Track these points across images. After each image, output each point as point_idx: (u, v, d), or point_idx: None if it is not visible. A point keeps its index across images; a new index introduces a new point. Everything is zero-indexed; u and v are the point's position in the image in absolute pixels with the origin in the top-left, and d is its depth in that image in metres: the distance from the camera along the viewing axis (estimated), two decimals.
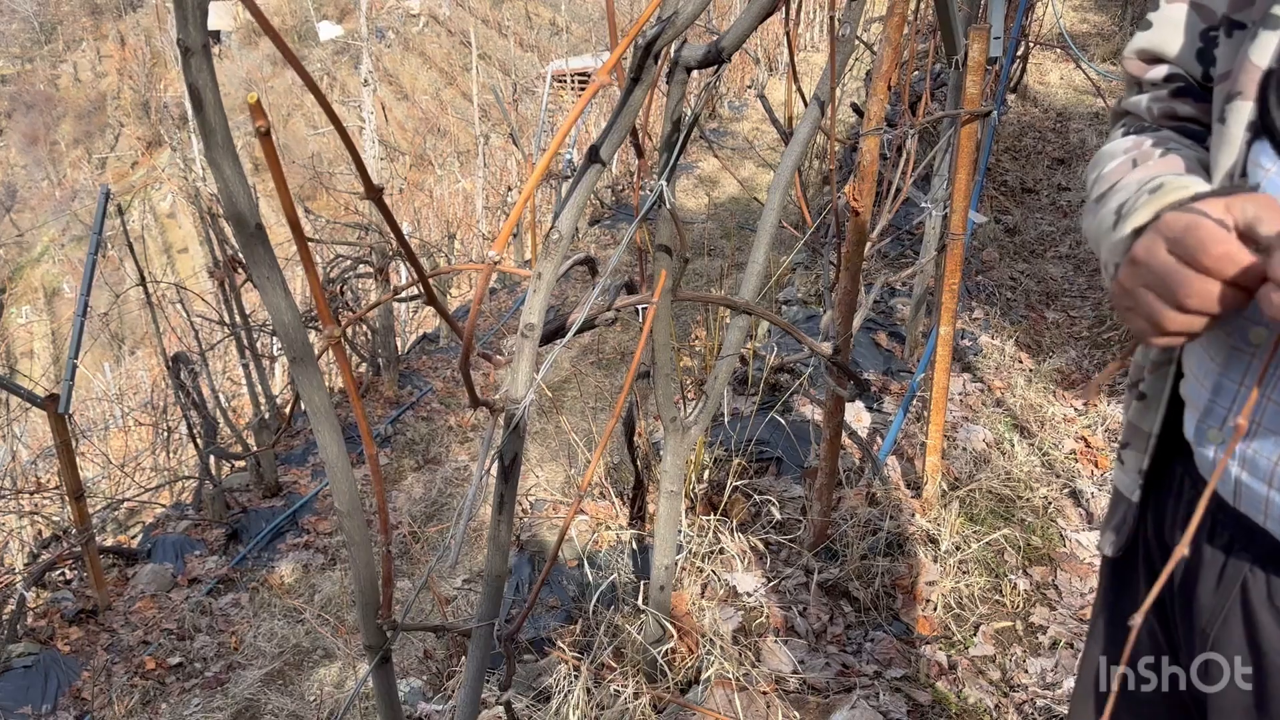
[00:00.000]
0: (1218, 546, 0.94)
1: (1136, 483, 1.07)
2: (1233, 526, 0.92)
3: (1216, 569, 0.94)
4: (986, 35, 2.64)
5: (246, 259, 0.95)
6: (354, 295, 7.43)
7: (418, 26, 43.42)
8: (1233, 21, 0.92)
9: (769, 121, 3.33)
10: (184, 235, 33.20)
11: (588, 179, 1.37)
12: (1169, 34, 1.01)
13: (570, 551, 3.01)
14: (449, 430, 6.26)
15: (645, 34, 1.26)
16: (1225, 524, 0.93)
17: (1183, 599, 0.99)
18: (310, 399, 1.02)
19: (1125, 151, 0.99)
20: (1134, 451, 1.08)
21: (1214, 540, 0.94)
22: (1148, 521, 1.07)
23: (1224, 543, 0.93)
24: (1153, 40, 1.03)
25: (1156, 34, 1.02)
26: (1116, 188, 0.94)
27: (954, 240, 2.81)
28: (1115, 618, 1.13)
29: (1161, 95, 1.02)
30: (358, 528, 1.11)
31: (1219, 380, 0.91)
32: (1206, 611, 0.95)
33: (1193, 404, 0.96)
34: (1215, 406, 0.91)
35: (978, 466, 3.29)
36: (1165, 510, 1.03)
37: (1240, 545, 0.91)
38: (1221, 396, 0.91)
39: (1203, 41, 0.98)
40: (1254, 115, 0.85)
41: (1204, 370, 0.94)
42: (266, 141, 0.84)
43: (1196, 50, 0.99)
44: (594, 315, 1.71)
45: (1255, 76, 0.85)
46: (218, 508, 5.25)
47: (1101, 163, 1.01)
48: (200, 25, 0.83)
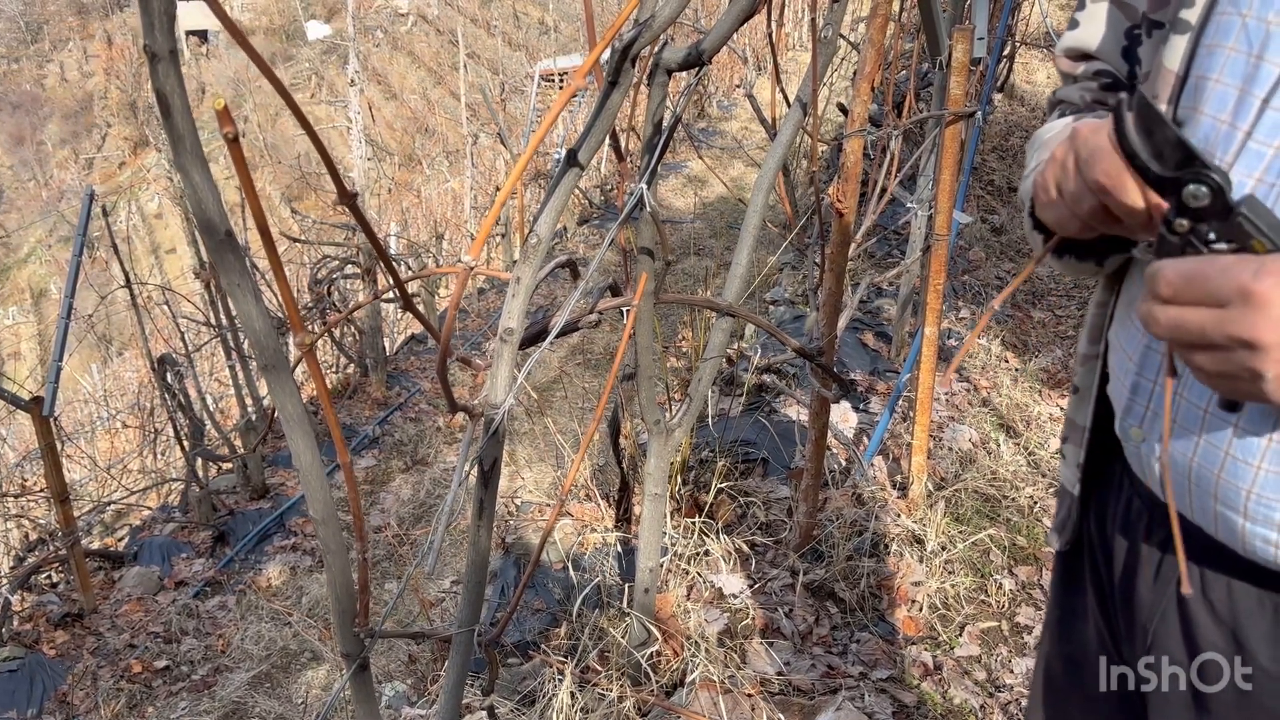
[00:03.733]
0: (1154, 544, 0.95)
1: (1076, 476, 1.08)
2: (1167, 523, 0.90)
3: (1153, 565, 0.95)
4: (970, 36, 2.65)
5: (217, 265, 0.94)
6: (341, 296, 7.41)
7: (406, 25, 43.33)
8: (1152, 21, 0.93)
9: (758, 121, 3.33)
10: (171, 236, 33.04)
11: (566, 182, 1.36)
12: (1094, 32, 1.02)
13: (555, 554, 3.00)
14: (437, 431, 6.25)
15: (622, 37, 1.25)
16: (1159, 520, 0.94)
17: (1123, 596, 0.99)
18: (283, 406, 1.01)
19: (1065, 126, 0.99)
20: (1072, 446, 1.09)
21: (1150, 538, 0.95)
22: (1091, 516, 1.07)
23: (1160, 539, 0.94)
24: (1079, 39, 1.04)
25: (1083, 32, 1.04)
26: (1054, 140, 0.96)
27: (938, 241, 2.82)
28: (1065, 615, 1.14)
29: (1092, 87, 1.03)
30: (333, 535, 1.10)
31: (1136, 379, 0.92)
32: (1146, 607, 0.96)
33: (1116, 402, 0.96)
34: (1134, 405, 0.92)
35: (964, 466, 3.29)
36: (1107, 506, 1.04)
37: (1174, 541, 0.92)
38: (1139, 395, 0.91)
39: (1127, 39, 0.99)
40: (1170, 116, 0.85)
41: (1123, 369, 0.95)
42: (235, 149, 0.83)
43: (1121, 48, 1.00)
44: (577, 318, 1.71)
45: (1170, 81, 0.86)
46: (205, 510, 5.22)
47: (1041, 136, 1.03)
48: (167, 31, 0.82)
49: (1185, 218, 0.71)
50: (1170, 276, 0.69)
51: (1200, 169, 0.70)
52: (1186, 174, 0.70)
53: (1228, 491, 0.82)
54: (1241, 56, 0.79)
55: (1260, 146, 0.78)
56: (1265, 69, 0.77)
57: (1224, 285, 0.66)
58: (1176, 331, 0.70)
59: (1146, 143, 0.73)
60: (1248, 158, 0.79)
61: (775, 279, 5.60)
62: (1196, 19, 0.84)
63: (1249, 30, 0.79)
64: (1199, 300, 0.68)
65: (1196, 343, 0.69)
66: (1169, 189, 0.72)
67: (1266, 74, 0.77)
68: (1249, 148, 0.78)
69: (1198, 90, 0.83)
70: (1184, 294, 0.69)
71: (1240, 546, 0.84)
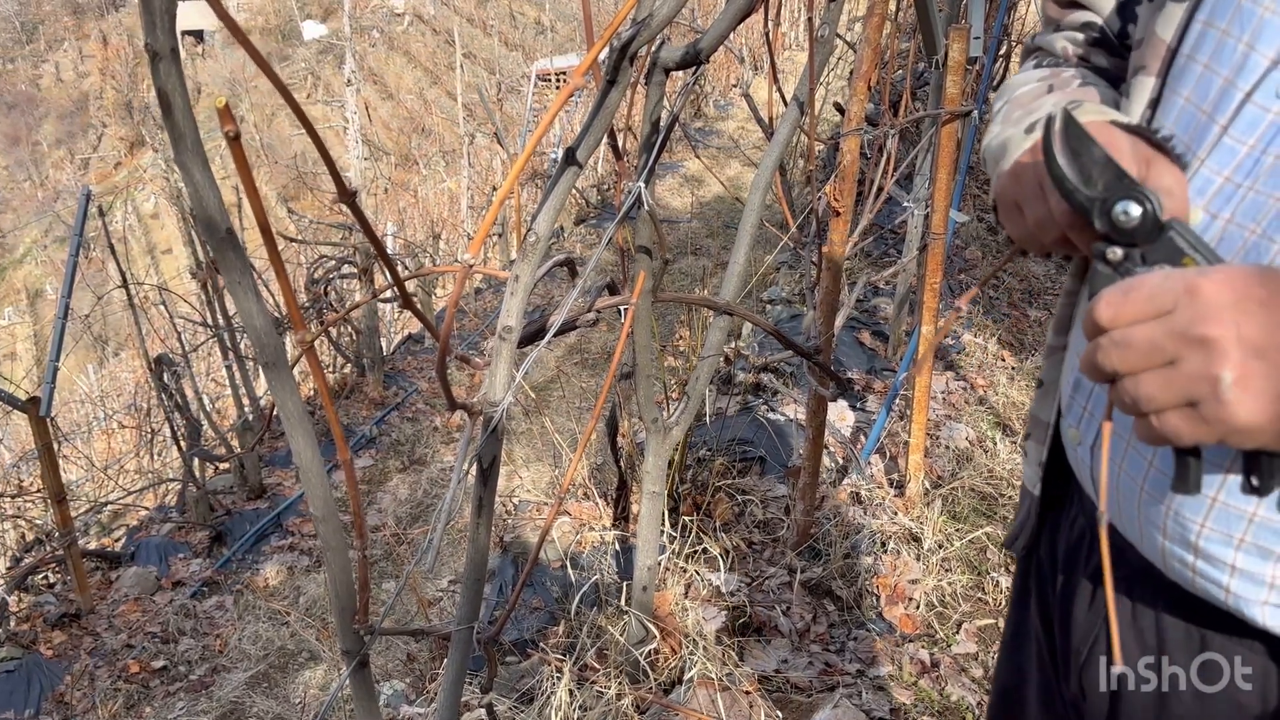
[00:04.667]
0: (1094, 565, 0.90)
1: (1038, 475, 1.01)
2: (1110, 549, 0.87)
3: (1090, 588, 0.90)
4: (966, 35, 2.65)
5: (218, 263, 0.94)
6: (338, 296, 7.40)
7: (402, 25, 43.30)
8: None
9: (754, 120, 3.33)
10: (168, 236, 32.99)
11: (564, 181, 1.37)
12: None
13: (554, 553, 3.01)
14: (434, 431, 6.25)
15: (621, 36, 1.26)
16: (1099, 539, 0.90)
17: (1060, 616, 0.94)
18: (284, 404, 1.01)
19: (1040, 79, 0.93)
20: (1035, 443, 1.03)
21: (1092, 557, 0.91)
22: (1045, 526, 1.02)
23: (1098, 561, 0.89)
24: None
25: None
26: (1030, 109, 0.88)
27: (935, 240, 2.82)
28: (1015, 630, 1.09)
29: (1078, 39, 0.96)
30: (333, 532, 1.10)
31: (1077, 376, 0.87)
32: (1080, 630, 0.91)
33: (1061, 400, 0.92)
34: (1074, 403, 0.88)
35: (960, 464, 3.30)
36: (1061, 520, 0.98)
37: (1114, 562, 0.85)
38: (1079, 394, 0.87)
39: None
40: (1155, 92, 0.81)
41: (1069, 366, 0.90)
42: (236, 147, 0.83)
43: (1119, 3, 0.93)
44: (574, 316, 1.71)
45: (1160, 52, 0.80)
46: (202, 510, 5.22)
47: (1012, 89, 0.96)
48: (169, 30, 0.83)
49: (1117, 244, 0.68)
50: (1108, 296, 0.64)
51: (1130, 186, 0.67)
52: (1116, 193, 0.68)
53: (1150, 507, 0.78)
54: (1233, 41, 0.74)
55: (1234, 143, 0.73)
56: (1254, 59, 0.72)
57: (1167, 289, 0.62)
58: (1121, 353, 0.63)
59: (1074, 164, 0.69)
60: (1220, 153, 0.74)
61: (772, 278, 5.61)
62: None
63: (1243, 12, 0.73)
64: (1142, 313, 0.63)
65: (1144, 362, 0.62)
66: (1099, 212, 0.69)
67: (1254, 65, 0.72)
68: (1223, 143, 0.73)
69: (1184, 72, 0.78)
70: (1125, 311, 0.63)
71: (1162, 565, 0.80)
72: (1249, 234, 0.72)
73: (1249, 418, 0.59)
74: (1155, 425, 0.63)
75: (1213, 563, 0.76)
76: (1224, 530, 0.74)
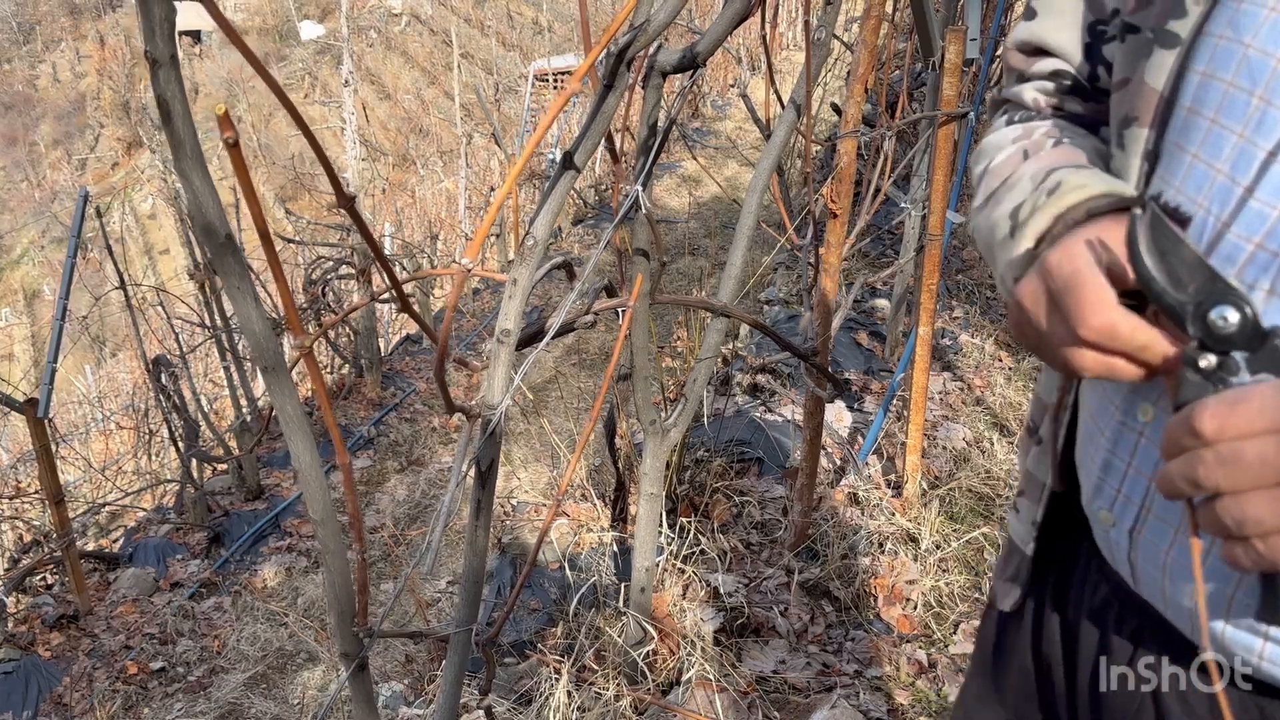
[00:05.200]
0: (1125, 635, 0.86)
1: (1031, 534, 0.97)
2: (1138, 614, 0.84)
3: (1125, 659, 0.85)
4: (963, 37, 2.66)
5: (217, 269, 0.95)
6: (335, 296, 7.41)
7: (400, 25, 43.29)
8: (1127, 24, 0.81)
9: (752, 120, 3.34)
10: (165, 236, 32.99)
11: (562, 185, 1.37)
12: (1054, 26, 0.91)
13: (552, 554, 3.01)
14: (432, 431, 6.25)
15: (618, 41, 1.26)
16: (1131, 610, 0.85)
17: (1091, 693, 0.90)
18: (282, 407, 1.02)
19: (1014, 141, 0.88)
20: (1029, 501, 0.98)
21: (1121, 629, 0.86)
22: (1048, 585, 0.97)
23: (1131, 630, 0.85)
24: (1035, 32, 0.93)
25: (1039, 25, 0.92)
26: (1009, 184, 0.84)
27: (932, 241, 2.83)
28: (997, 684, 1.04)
29: (1048, 89, 0.93)
30: (332, 535, 1.11)
31: (1108, 458, 0.82)
32: (1119, 705, 0.86)
33: (1084, 477, 0.87)
34: (1105, 485, 0.82)
35: (958, 465, 3.31)
36: (1069, 589, 0.93)
37: (1148, 635, 0.83)
38: (1111, 475, 0.81)
39: (1090, 35, 0.88)
40: (1151, 144, 0.76)
41: (1094, 444, 0.84)
42: (235, 153, 0.84)
43: (1084, 45, 0.89)
44: (572, 318, 1.72)
45: (1153, 101, 0.75)
46: (200, 511, 5.22)
47: (988, 154, 0.91)
48: (168, 37, 0.83)
49: (1211, 351, 0.62)
50: (1214, 407, 0.59)
51: (1227, 289, 0.61)
52: (1211, 297, 0.62)
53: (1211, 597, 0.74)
54: (1243, 95, 0.68)
55: (1263, 206, 0.66)
56: (1273, 115, 0.66)
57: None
58: (1227, 470, 0.58)
59: (1162, 264, 0.63)
60: (1247, 218, 0.67)
61: (770, 279, 5.62)
62: (1187, 34, 0.73)
63: (1252, 64, 0.67)
64: (1255, 427, 0.57)
65: (1255, 481, 0.57)
66: (1193, 317, 0.62)
67: (1274, 121, 0.66)
68: (1249, 206, 0.67)
69: (1188, 127, 0.72)
70: (1235, 424, 0.57)
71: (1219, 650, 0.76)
72: None
73: None
74: (1260, 548, 0.58)
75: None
76: None
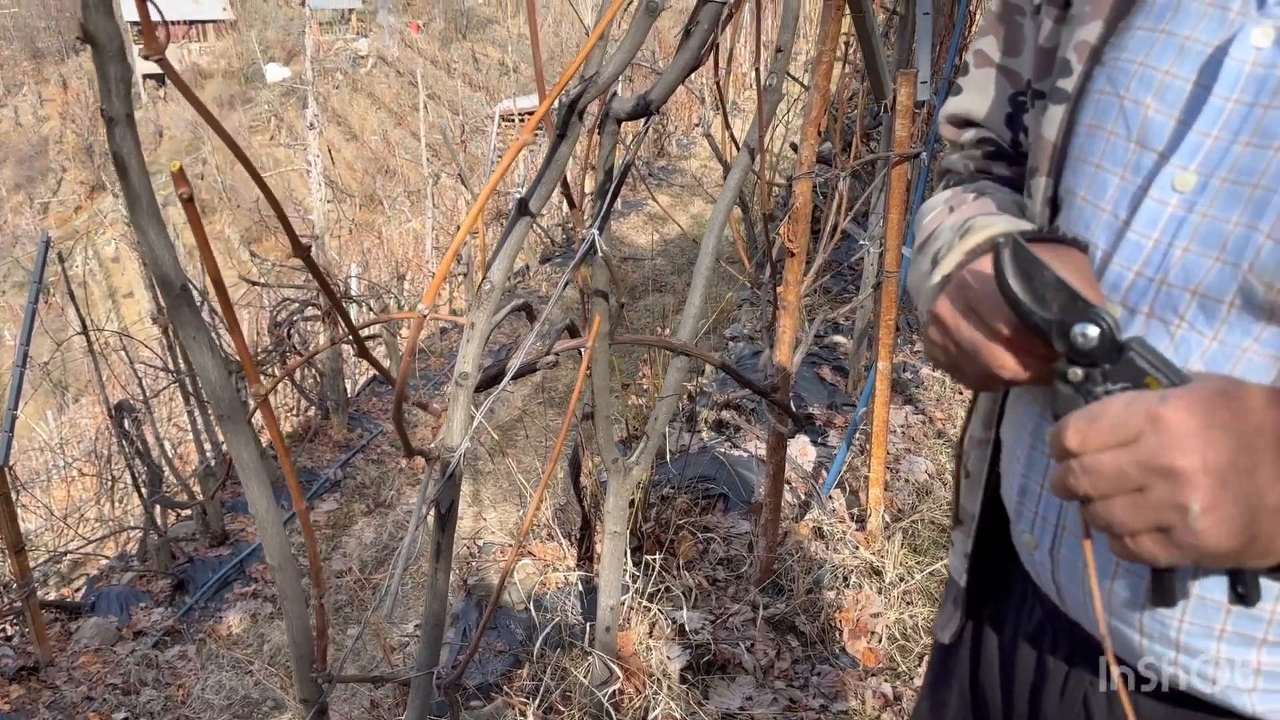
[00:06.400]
0: (1060, 657, 0.90)
1: (963, 567, 1.02)
2: (1070, 637, 0.88)
3: (1060, 681, 0.89)
4: (914, 80, 2.73)
5: (173, 319, 0.96)
6: (301, 338, 7.37)
7: (365, 67, 43.46)
8: (1035, 90, 0.91)
9: (716, 159, 3.40)
10: (129, 280, 32.66)
11: (518, 231, 1.40)
12: (978, 99, 1.00)
13: (518, 594, 3.01)
14: (400, 473, 6.22)
15: (569, 92, 1.30)
16: (1064, 633, 0.89)
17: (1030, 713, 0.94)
18: (239, 455, 1.03)
19: (944, 201, 0.97)
20: (961, 534, 1.04)
21: (1056, 651, 0.90)
22: (983, 615, 1.01)
23: (1065, 653, 0.89)
24: (962, 105, 1.02)
25: (967, 99, 1.02)
26: (934, 235, 0.92)
27: (888, 277, 2.89)
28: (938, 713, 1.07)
29: (976, 155, 1.01)
30: (290, 581, 1.12)
31: (1023, 482, 0.87)
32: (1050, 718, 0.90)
33: (1008, 505, 0.92)
34: (1024, 510, 0.87)
35: (920, 497, 3.35)
36: (1005, 617, 0.98)
37: (1080, 656, 0.87)
38: (1027, 499, 0.87)
39: (1011, 106, 0.97)
40: (1049, 191, 0.84)
41: (1011, 471, 0.90)
42: (190, 208, 0.86)
43: (1005, 115, 0.98)
44: (534, 359, 1.74)
45: (1049, 152, 0.84)
46: (163, 558, 5.15)
47: (923, 215, 0.99)
48: (124, 96, 0.85)
49: (1077, 364, 0.69)
50: (1075, 423, 0.65)
51: (1086, 307, 0.68)
52: (1072, 314, 0.69)
53: (1125, 610, 0.79)
54: (1121, 141, 0.77)
55: (1139, 238, 0.75)
56: (1146, 158, 0.75)
57: (1131, 417, 0.63)
58: (1091, 479, 0.64)
59: (1026, 287, 0.70)
60: (1127, 249, 0.76)
61: (734, 315, 5.67)
62: (1073, 89, 0.82)
63: (1127, 114, 0.77)
64: (1108, 441, 0.63)
65: (1113, 489, 0.63)
66: (1057, 334, 0.69)
67: (1147, 162, 0.75)
68: (1128, 238, 0.76)
69: (1077, 172, 0.81)
70: (1092, 438, 0.64)
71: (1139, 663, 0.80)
72: (1175, 328, 0.73)
73: (1219, 544, 0.61)
74: (1130, 546, 0.64)
75: (1196, 656, 0.76)
76: (1204, 623, 0.75)
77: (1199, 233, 0.72)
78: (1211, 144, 0.71)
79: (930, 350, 0.84)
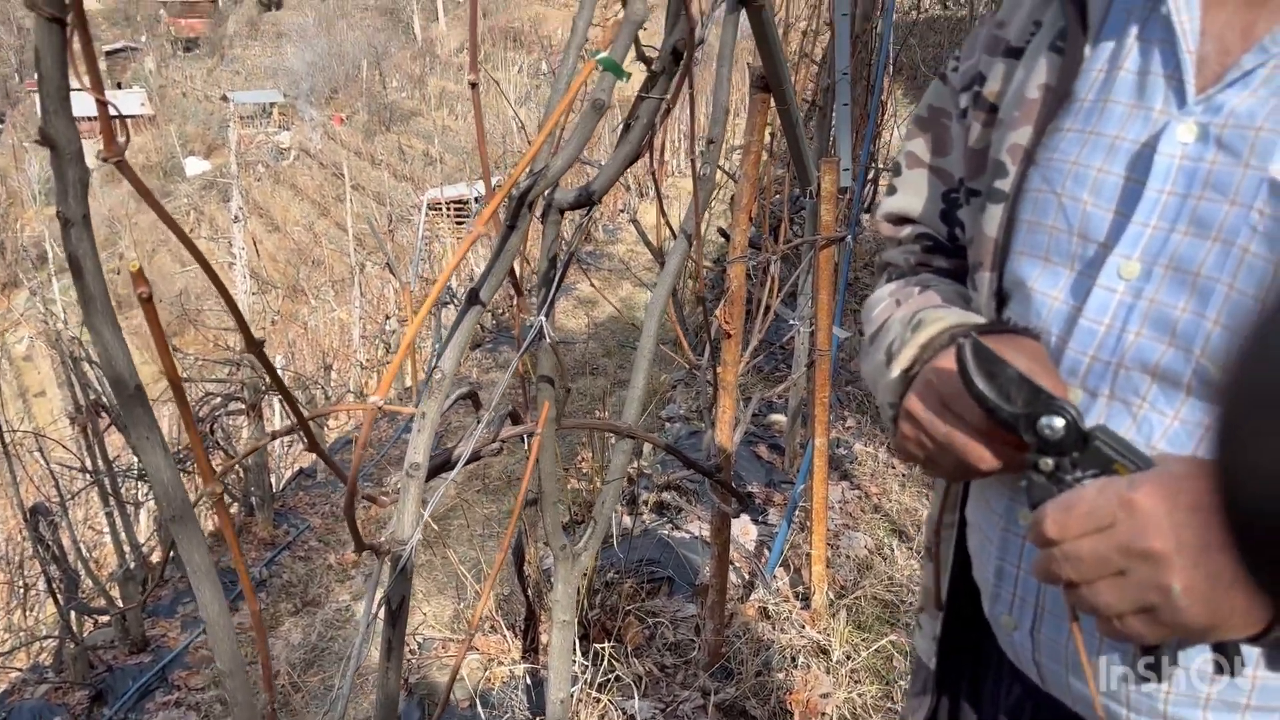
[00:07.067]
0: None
1: (932, 650, 1.05)
2: (1052, 712, 0.89)
3: None
4: (836, 167, 2.84)
5: (126, 420, 0.95)
6: (224, 434, 7.20)
7: (288, 159, 43.41)
8: (970, 189, 0.95)
9: (643, 244, 3.46)
10: (41, 379, 31.60)
11: (468, 320, 1.41)
12: (913, 198, 1.06)
13: (463, 691, 2.93)
14: (328, 569, 6.04)
15: (519, 185, 1.33)
16: (1045, 709, 0.90)
17: None
18: (190, 558, 1.00)
19: (890, 294, 1.01)
20: (928, 617, 1.06)
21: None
22: (960, 692, 1.03)
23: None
24: (898, 204, 1.07)
25: (901, 199, 1.07)
26: (884, 329, 0.96)
27: (821, 356, 2.95)
28: None
29: (915, 250, 1.07)
30: (240, 687, 1.08)
31: (999, 564, 0.89)
32: None
33: (982, 586, 0.94)
34: (1001, 592, 0.90)
35: (861, 573, 3.37)
36: (983, 691, 1.00)
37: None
38: (1005, 581, 0.89)
39: (945, 203, 1.03)
40: (995, 285, 0.89)
41: (985, 554, 0.92)
42: (149, 308, 0.85)
43: (940, 211, 1.03)
44: (480, 447, 1.73)
45: (990, 247, 0.88)
46: (80, 668, 4.89)
47: (871, 308, 1.03)
48: (81, 199, 0.85)
49: (1047, 454, 0.72)
50: (1052, 514, 0.68)
51: (1049, 400, 0.71)
52: (1037, 408, 0.71)
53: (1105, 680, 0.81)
54: (1064, 235, 0.82)
55: (1091, 324, 0.79)
56: (1089, 248, 0.80)
57: (1103, 504, 0.66)
58: (1074, 565, 0.67)
59: (991, 384, 0.73)
60: (1081, 334, 0.80)
61: (669, 395, 5.70)
62: (1010, 188, 0.86)
63: (1066, 209, 0.81)
64: (1085, 528, 0.66)
65: (1095, 573, 0.66)
66: (1024, 428, 0.72)
67: (1090, 253, 0.79)
68: (1081, 324, 0.80)
69: (1023, 265, 0.85)
70: (1070, 526, 0.67)
71: None
72: (1137, 408, 0.77)
73: (1202, 620, 0.63)
74: (1118, 626, 0.67)
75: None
76: (1189, 693, 0.77)
77: (1149, 318, 0.76)
78: (1151, 233, 0.76)
79: (902, 444, 0.87)
